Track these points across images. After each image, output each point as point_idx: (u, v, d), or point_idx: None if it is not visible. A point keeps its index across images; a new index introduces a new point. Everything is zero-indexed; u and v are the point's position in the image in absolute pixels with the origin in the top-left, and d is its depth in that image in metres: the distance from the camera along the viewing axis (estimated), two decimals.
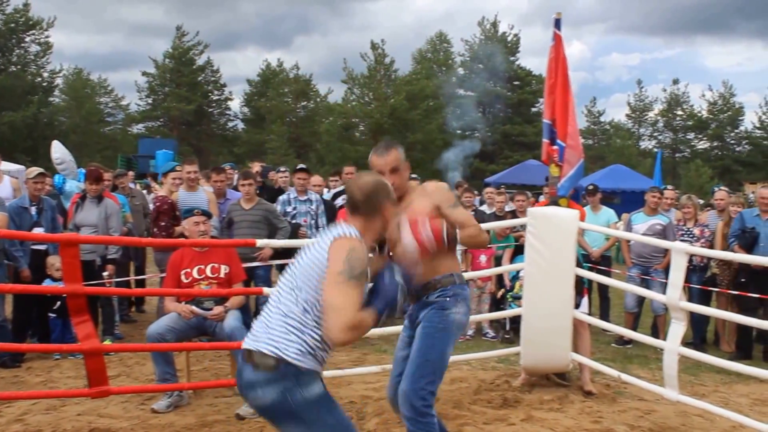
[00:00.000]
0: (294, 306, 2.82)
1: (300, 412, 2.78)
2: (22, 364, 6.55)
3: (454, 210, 3.62)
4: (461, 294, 3.69)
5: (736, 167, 46.60)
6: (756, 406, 5.81)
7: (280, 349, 2.76)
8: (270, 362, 2.75)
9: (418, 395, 3.45)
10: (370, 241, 3.02)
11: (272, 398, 2.77)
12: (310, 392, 2.80)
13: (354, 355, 7.14)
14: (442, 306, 3.63)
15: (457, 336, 3.69)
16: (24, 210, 7.05)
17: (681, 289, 5.02)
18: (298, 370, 2.76)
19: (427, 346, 3.57)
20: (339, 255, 2.75)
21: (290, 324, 2.80)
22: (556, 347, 5.69)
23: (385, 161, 3.69)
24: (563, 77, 6.32)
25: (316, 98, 49.40)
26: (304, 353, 2.78)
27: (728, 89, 49.14)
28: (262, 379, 2.77)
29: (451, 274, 3.69)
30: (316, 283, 2.78)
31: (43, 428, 4.72)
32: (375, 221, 3.00)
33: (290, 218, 8.01)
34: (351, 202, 3.02)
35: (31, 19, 38.86)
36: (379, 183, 3.04)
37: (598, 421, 5.10)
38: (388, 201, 3.02)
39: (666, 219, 8.30)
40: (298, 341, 2.78)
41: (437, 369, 3.56)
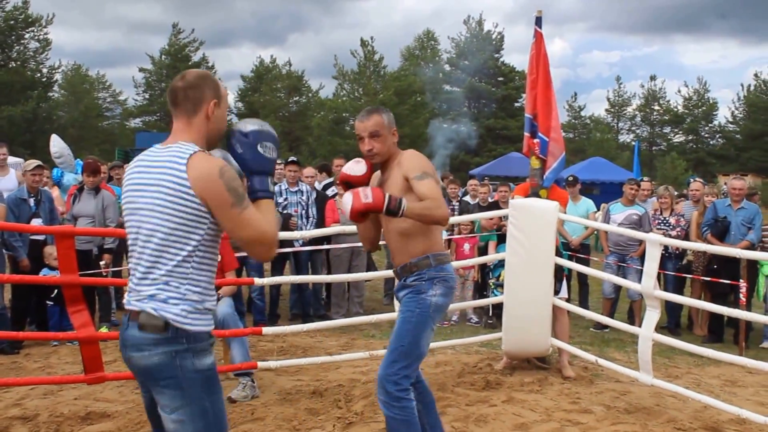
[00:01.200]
0: (164, 256, 2.36)
1: (185, 380, 2.34)
2: (21, 351, 6.51)
3: (419, 181, 3.34)
4: (438, 276, 3.49)
5: (710, 159, 46.96)
6: (726, 387, 5.87)
7: (163, 308, 2.33)
8: (158, 322, 2.33)
9: (391, 380, 3.36)
10: (203, 146, 2.50)
11: (159, 361, 2.34)
12: (202, 362, 2.39)
13: (342, 340, 7.14)
14: (418, 290, 3.47)
15: (436, 318, 3.51)
16: (23, 201, 7.00)
17: (655, 279, 5.05)
18: (188, 333, 2.35)
19: (402, 332, 3.45)
20: (216, 186, 2.30)
21: (170, 277, 2.36)
22: (536, 333, 5.71)
23: (364, 126, 3.52)
24: (544, 73, 6.30)
25: (308, 93, 49.27)
26: (193, 311, 2.38)
27: (703, 85, 49.51)
28: (149, 340, 2.33)
29: (427, 256, 3.48)
30: (188, 228, 2.34)
31: (40, 412, 4.69)
32: (198, 119, 2.48)
33: (281, 209, 7.99)
34: (170, 96, 2.50)
35: (31, 17, 38.53)
36: (205, 75, 2.54)
37: (576, 402, 5.13)
38: (213, 97, 2.49)
39: (642, 209, 8.38)
40: (182, 296, 2.36)
41: (412, 354, 3.41)
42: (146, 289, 2.38)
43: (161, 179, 2.34)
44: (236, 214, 2.33)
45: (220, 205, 2.32)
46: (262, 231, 2.37)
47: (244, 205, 2.35)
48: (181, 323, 2.34)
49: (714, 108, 49.20)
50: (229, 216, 2.33)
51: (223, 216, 2.34)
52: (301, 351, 6.62)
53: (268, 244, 2.41)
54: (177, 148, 2.39)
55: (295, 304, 8.41)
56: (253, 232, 2.36)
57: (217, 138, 2.57)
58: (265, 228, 2.39)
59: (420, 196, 3.30)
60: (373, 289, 10.28)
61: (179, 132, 2.49)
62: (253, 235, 2.36)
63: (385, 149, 3.53)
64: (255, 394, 5.12)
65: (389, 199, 3.23)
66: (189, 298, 2.38)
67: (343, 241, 7.97)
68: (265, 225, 2.40)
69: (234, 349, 5.20)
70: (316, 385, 5.42)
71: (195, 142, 2.45)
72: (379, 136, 3.50)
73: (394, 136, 3.58)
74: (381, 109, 3.58)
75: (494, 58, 47.40)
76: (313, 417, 4.69)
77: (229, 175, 2.33)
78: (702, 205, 8.41)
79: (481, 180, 12.42)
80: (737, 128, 48.30)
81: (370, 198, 3.23)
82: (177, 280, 2.37)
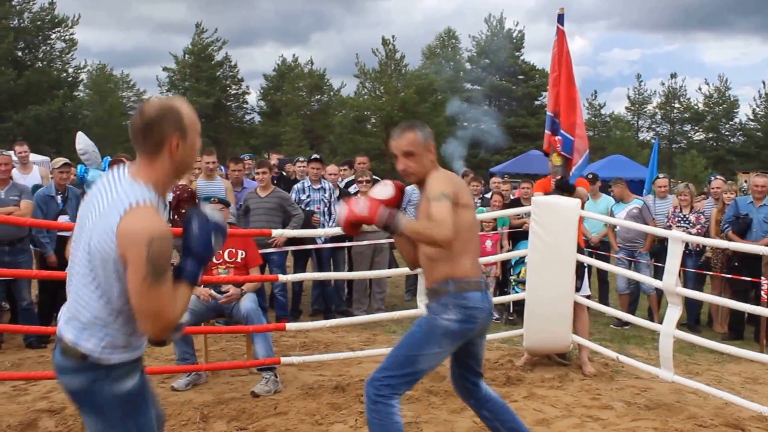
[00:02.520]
0: (94, 296, 2.25)
1: (104, 406, 2.29)
2: (48, 345, 6.60)
3: (432, 202, 3.18)
4: (455, 302, 3.28)
5: (730, 157, 46.33)
6: (747, 384, 5.82)
7: (82, 341, 2.27)
8: (76, 352, 2.27)
9: (374, 384, 3.25)
10: (164, 191, 2.34)
11: (79, 386, 2.30)
12: (121, 387, 2.30)
13: (364, 336, 7.17)
14: (433, 311, 3.33)
15: (443, 342, 3.30)
16: (50, 198, 7.09)
17: (677, 276, 5.01)
18: (107, 365, 2.27)
19: (401, 344, 3.36)
20: (135, 247, 2.12)
21: (93, 315, 2.27)
22: (557, 329, 5.69)
23: (397, 144, 3.37)
24: (567, 70, 6.26)
25: (329, 92, 49.31)
26: (111, 347, 2.28)
27: (724, 83, 48.84)
28: (69, 366, 2.30)
29: (447, 282, 3.30)
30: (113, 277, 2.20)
31: (67, 405, 4.72)
32: (161, 158, 2.28)
33: (304, 206, 8.02)
34: (132, 133, 2.31)
35: (57, 17, 38.91)
36: (165, 107, 2.29)
37: (596, 398, 5.11)
38: (177, 132, 2.28)
39: (640, 202, 8.54)
40: (101, 335, 2.27)
41: (403, 366, 3.26)
42: (69, 317, 2.31)
43: (101, 214, 2.20)
44: (145, 285, 2.13)
45: (133, 271, 2.13)
46: (160, 310, 2.17)
47: (159, 281, 2.15)
48: (98, 356, 2.26)
49: (735, 106, 48.52)
50: (136, 284, 2.14)
51: (131, 281, 2.15)
52: (323, 346, 6.65)
53: (162, 325, 2.21)
54: (129, 190, 2.21)
55: (316, 300, 8.44)
56: (152, 308, 2.16)
57: (187, 168, 2.43)
58: (166, 308, 2.19)
59: (428, 217, 3.15)
60: (395, 285, 10.30)
61: (140, 168, 2.29)
62: (151, 311, 2.17)
63: (420, 168, 3.37)
64: (278, 389, 5.15)
65: (386, 214, 3.12)
66: (111, 337, 2.28)
67: (365, 238, 7.99)
68: (168, 305, 2.20)
69: (257, 345, 5.23)
70: (338, 380, 5.44)
71: (154, 184, 2.27)
72: (413, 155, 3.34)
73: (431, 153, 3.40)
74: (416, 125, 3.42)
75: (514, 56, 47.18)
76: (335, 411, 4.71)
77: (157, 247, 2.13)
78: (721, 202, 8.34)
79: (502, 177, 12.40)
80: (758, 126, 47.66)
81: (365, 210, 3.14)
82: (98, 318, 2.26)
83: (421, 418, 4.58)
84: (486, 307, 3.37)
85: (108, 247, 2.16)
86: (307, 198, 8.14)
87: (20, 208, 6.65)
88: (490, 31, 47.91)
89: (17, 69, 35.36)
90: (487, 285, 3.45)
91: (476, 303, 3.32)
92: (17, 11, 37.23)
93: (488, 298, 3.41)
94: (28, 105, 34.55)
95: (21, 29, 37.14)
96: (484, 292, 3.38)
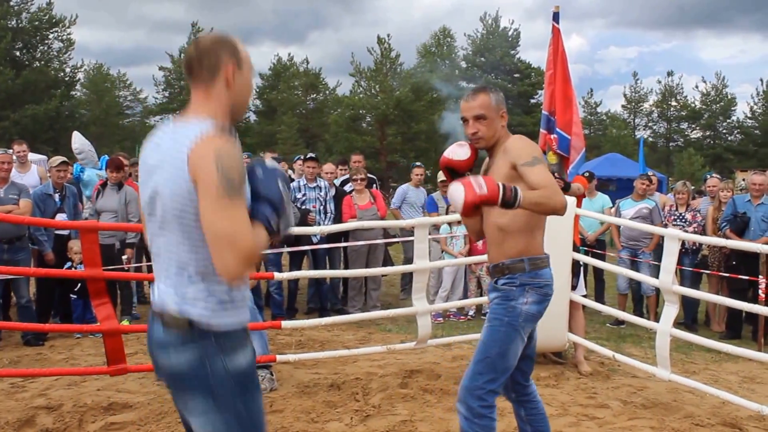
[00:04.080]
0: (184, 253, 2.05)
1: (215, 385, 2.06)
2: (46, 343, 6.62)
3: (530, 168, 2.94)
4: (532, 282, 3.12)
5: (728, 155, 46.40)
6: (745, 383, 5.80)
7: (187, 305, 2.05)
8: (182, 321, 2.05)
9: (475, 395, 3.07)
10: (226, 119, 2.15)
11: (186, 362, 2.06)
12: (234, 363, 2.09)
13: (360, 334, 7.16)
14: (507, 296, 3.13)
15: (526, 328, 3.15)
16: (48, 197, 7.13)
17: (673, 274, 5.00)
18: (216, 332, 2.06)
19: (488, 342, 3.14)
20: (206, 165, 1.91)
21: (191, 274, 2.06)
22: (553, 328, 5.66)
23: (469, 106, 3.15)
24: (562, 69, 6.26)
25: (325, 91, 49.42)
26: (220, 306, 2.08)
27: (721, 81, 48.89)
28: (173, 340, 2.07)
29: (522, 259, 3.12)
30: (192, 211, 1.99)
31: (64, 402, 4.73)
32: (218, 88, 2.14)
33: (299, 204, 8.01)
34: (186, 64, 2.19)
35: (54, 17, 38.93)
36: (221, 36, 2.19)
37: (592, 396, 5.10)
38: (232, 60, 2.15)
39: (652, 203, 8.41)
40: (204, 295, 2.06)
41: (498, 366, 3.10)
42: (165, 286, 2.11)
43: (168, 158, 2.03)
44: (219, 201, 1.90)
45: (205, 189, 1.92)
46: (236, 232, 1.90)
47: (234, 199, 1.92)
48: (207, 322, 2.05)
49: (732, 103, 48.56)
50: (210, 203, 1.91)
51: (204, 201, 1.92)
52: (318, 344, 6.64)
53: (239, 254, 1.90)
54: (191, 126, 2.03)
55: (312, 298, 8.44)
56: (228, 230, 1.89)
57: (243, 108, 2.26)
58: (243, 232, 1.91)
59: (532, 185, 2.89)
60: (390, 283, 10.29)
61: (197, 105, 2.16)
62: (227, 233, 1.89)
63: (492, 133, 3.16)
64: (273, 387, 5.13)
65: (504, 189, 2.82)
66: (215, 291, 2.07)
67: (361, 236, 7.98)
68: (246, 229, 1.93)
69: (253, 342, 5.20)
70: (334, 378, 5.43)
71: (214, 116, 2.10)
72: (485, 119, 3.13)
73: (502, 119, 3.19)
74: (489, 88, 3.20)
75: (510, 54, 47.22)
76: (330, 409, 4.70)
77: (228, 160, 1.93)
78: (717, 200, 8.33)
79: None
80: (756, 123, 47.69)
81: (485, 188, 2.81)
82: (195, 274, 2.05)
83: (416, 416, 4.57)
84: (553, 283, 3.24)
85: (184, 191, 1.98)
86: (303, 197, 8.13)
87: (19, 206, 6.65)
88: (486, 30, 47.94)
89: (15, 69, 35.42)
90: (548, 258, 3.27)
91: (549, 280, 3.20)
92: (15, 11, 37.31)
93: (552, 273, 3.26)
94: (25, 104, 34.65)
95: (19, 29, 37.20)
96: (550, 267, 3.25)
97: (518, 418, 3.50)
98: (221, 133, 2.01)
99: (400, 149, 40.53)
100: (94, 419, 4.48)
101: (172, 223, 2.05)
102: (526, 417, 3.43)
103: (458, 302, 7.64)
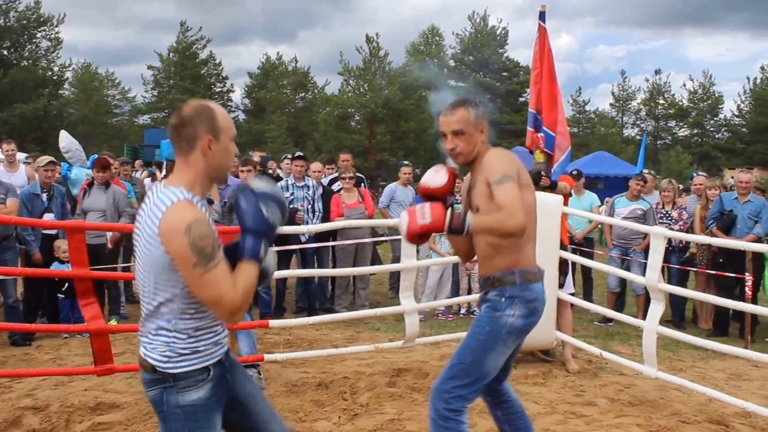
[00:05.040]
0: (153, 301, 2.31)
1: (168, 416, 2.35)
2: (33, 343, 6.57)
3: (498, 187, 2.90)
4: (521, 296, 3.07)
5: (715, 153, 46.65)
6: (731, 380, 5.83)
7: (149, 353, 2.33)
8: (147, 365, 2.34)
9: (442, 397, 3.04)
10: (204, 184, 2.35)
11: (152, 397, 2.38)
12: (186, 398, 2.33)
13: (348, 333, 7.15)
14: (495, 306, 3.09)
15: (509, 341, 3.09)
16: (36, 196, 7.08)
17: (659, 272, 5.02)
18: (174, 375, 2.32)
19: (465, 348, 3.11)
20: (179, 244, 2.15)
21: (157, 323, 2.32)
22: (540, 326, 5.61)
23: (447, 120, 3.09)
24: (549, 68, 6.28)
25: (313, 90, 49.38)
26: (177, 356, 2.31)
27: (708, 79, 49.13)
28: (146, 378, 2.38)
29: (512, 272, 3.07)
30: (166, 277, 2.25)
31: (51, 402, 4.71)
32: (195, 156, 2.30)
33: (288, 203, 7.98)
34: (169, 133, 2.36)
35: (42, 16, 38.76)
36: (199, 107, 2.33)
37: (580, 394, 5.11)
38: (209, 131, 2.29)
39: (647, 204, 8.35)
40: (166, 343, 2.31)
41: (471, 373, 3.05)
42: (142, 332, 2.38)
43: (144, 226, 2.26)
44: (198, 273, 2.17)
45: (182, 263, 2.17)
46: (220, 295, 2.18)
47: (210, 266, 2.17)
48: (164, 368, 2.31)
49: (719, 101, 48.82)
50: (190, 275, 2.18)
51: (185, 273, 2.19)
52: (306, 344, 6.63)
53: (228, 310, 2.21)
54: (164, 195, 2.24)
55: (300, 297, 8.42)
56: (212, 295, 2.19)
57: (223, 171, 2.41)
58: (226, 292, 2.19)
59: (497, 204, 2.87)
60: (378, 282, 10.29)
61: (177, 171, 2.34)
62: (212, 298, 2.19)
63: (470, 148, 3.10)
64: (261, 386, 5.12)
65: (452, 217, 2.85)
66: (174, 344, 2.31)
67: (349, 235, 7.97)
68: (227, 289, 2.20)
69: (241, 342, 5.21)
70: (322, 377, 5.42)
71: (190, 183, 2.30)
72: (464, 134, 3.07)
73: (482, 134, 3.12)
74: (468, 102, 3.12)
75: (498, 53, 47.30)
76: (318, 408, 4.69)
77: (197, 231, 2.16)
78: (704, 198, 8.37)
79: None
80: (743, 122, 47.95)
81: (428, 218, 2.86)
82: (163, 327, 2.31)
83: (404, 415, 4.57)
84: (544, 299, 3.17)
85: (158, 254, 2.22)
86: (291, 196, 8.11)
87: (6, 206, 6.60)
88: (474, 29, 48.01)
89: (3, 67, 35.35)
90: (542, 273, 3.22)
91: (539, 294, 3.13)
92: (3, 10, 37.22)
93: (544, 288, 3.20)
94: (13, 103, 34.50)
95: (6, 28, 37.07)
96: (543, 282, 3.19)
97: (496, 420, 3.48)
98: (190, 202, 2.23)
99: (389, 148, 40.54)
100: (81, 419, 4.46)
101: (145, 281, 2.30)
102: (503, 417, 3.41)
103: (445, 301, 7.63)
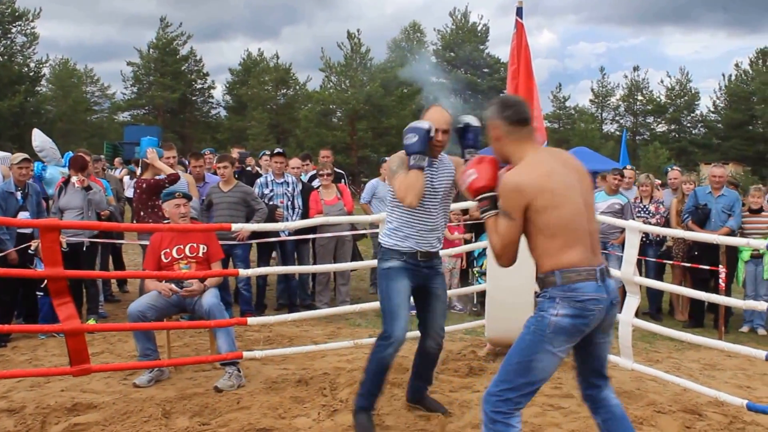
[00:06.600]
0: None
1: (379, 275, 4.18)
2: (8, 344, 6.48)
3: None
4: (565, 296, 2.99)
5: (692, 149, 47.16)
6: (705, 371, 5.91)
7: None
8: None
9: (489, 400, 3.04)
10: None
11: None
12: (382, 264, 4.17)
13: (328, 329, 7.15)
14: (540, 307, 3.07)
15: (555, 340, 2.99)
16: (10, 195, 6.94)
17: (635, 265, 5.07)
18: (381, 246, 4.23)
19: (513, 350, 3.09)
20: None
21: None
22: (518, 320, 5.63)
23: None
24: (525, 63, 6.29)
25: (295, 86, 49.16)
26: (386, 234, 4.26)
27: (685, 75, 49.63)
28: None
29: (552, 273, 3.03)
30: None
31: (27, 404, 4.66)
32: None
33: (267, 200, 7.96)
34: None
35: (17, 11, 38.29)
36: None
37: (558, 387, 5.15)
38: None
39: (624, 199, 8.39)
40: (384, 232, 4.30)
41: (519, 374, 3.02)
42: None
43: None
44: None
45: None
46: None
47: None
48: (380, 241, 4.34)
49: (696, 98, 49.40)
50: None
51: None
52: (287, 340, 6.62)
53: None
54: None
55: (281, 294, 8.40)
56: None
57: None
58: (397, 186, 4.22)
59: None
60: (359, 278, 10.29)
61: None
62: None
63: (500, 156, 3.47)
64: (241, 384, 5.11)
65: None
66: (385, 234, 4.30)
67: (328, 230, 7.96)
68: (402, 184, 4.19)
69: (220, 339, 5.19)
70: (302, 373, 5.42)
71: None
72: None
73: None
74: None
75: (479, 50, 47.43)
76: (298, 405, 4.68)
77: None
78: (680, 192, 8.45)
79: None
80: (719, 117, 48.51)
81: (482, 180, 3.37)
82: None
83: (383, 410, 4.57)
84: (603, 299, 3.02)
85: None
86: (270, 192, 8.08)
87: None
88: (455, 25, 48.10)
89: None
90: (605, 273, 3.09)
91: (589, 294, 2.99)
92: None
93: (608, 288, 3.06)
94: None
95: None
96: (601, 282, 3.03)
97: (598, 426, 3.36)
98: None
99: (371, 144, 40.54)
100: (58, 421, 4.41)
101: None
102: (601, 423, 3.30)
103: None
